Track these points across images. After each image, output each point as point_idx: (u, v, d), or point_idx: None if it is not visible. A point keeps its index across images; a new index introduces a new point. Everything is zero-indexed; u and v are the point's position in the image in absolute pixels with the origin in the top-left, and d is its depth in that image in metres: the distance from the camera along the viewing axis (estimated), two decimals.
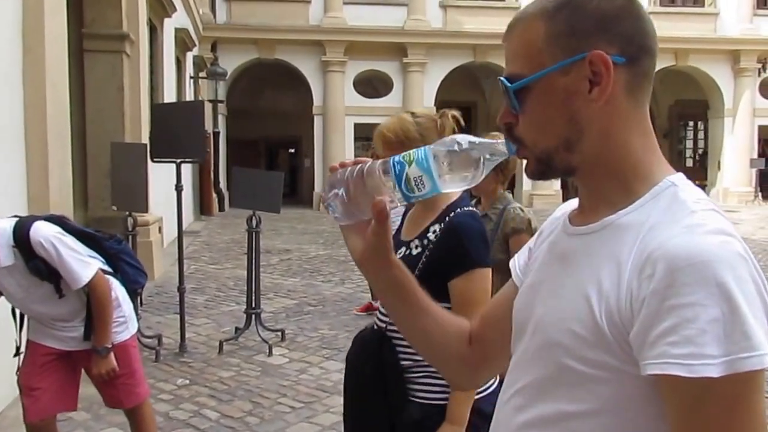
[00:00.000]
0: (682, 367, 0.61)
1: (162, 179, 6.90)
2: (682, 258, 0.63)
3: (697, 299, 0.61)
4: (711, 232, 0.65)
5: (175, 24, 10.15)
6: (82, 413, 3.29)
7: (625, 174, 0.75)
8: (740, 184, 17.03)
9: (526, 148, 0.78)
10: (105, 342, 2.33)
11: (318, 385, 3.86)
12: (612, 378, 0.70)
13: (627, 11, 0.76)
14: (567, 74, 0.74)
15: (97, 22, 6.19)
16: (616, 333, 0.68)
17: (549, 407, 0.75)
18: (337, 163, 0.86)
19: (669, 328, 0.62)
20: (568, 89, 0.74)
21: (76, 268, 2.22)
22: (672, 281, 0.63)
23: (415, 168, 0.78)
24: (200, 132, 4.49)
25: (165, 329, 4.92)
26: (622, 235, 0.71)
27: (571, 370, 0.72)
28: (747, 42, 16.53)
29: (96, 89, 6.24)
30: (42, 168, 3.94)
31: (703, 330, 0.61)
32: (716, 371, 0.60)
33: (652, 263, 0.65)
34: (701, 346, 0.61)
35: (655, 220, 0.70)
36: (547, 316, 0.77)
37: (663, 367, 0.62)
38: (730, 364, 0.60)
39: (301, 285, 6.83)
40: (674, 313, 0.62)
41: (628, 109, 0.76)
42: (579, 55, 0.73)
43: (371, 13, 15.42)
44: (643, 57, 0.76)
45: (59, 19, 4.27)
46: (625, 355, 0.68)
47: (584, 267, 0.74)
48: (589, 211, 0.78)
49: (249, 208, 4.67)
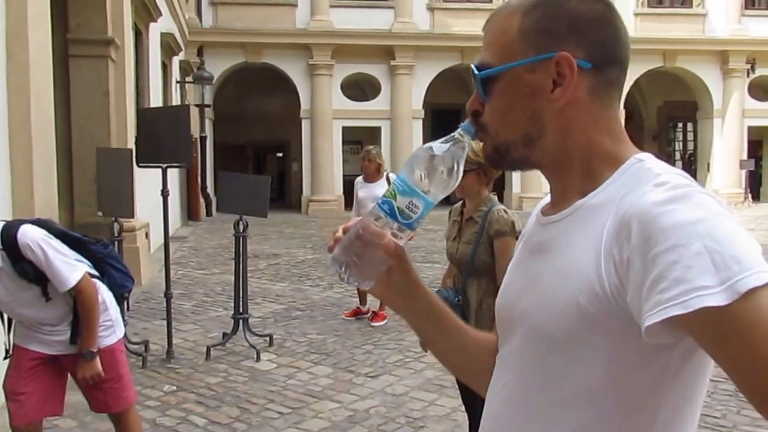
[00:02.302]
0: (677, 305, 0.61)
1: (148, 184, 6.86)
2: (653, 209, 0.64)
3: (676, 241, 0.62)
4: (677, 186, 0.66)
5: (160, 28, 10.10)
6: (68, 420, 3.27)
7: (591, 165, 0.76)
8: (730, 186, 17.03)
9: (488, 135, 0.80)
10: (91, 346, 2.33)
11: (306, 391, 3.85)
12: (599, 359, 0.70)
13: (602, 18, 0.77)
14: (533, 71, 0.76)
15: (82, 27, 6.15)
16: (602, 308, 0.68)
17: (538, 397, 0.76)
18: (328, 245, 0.86)
19: (657, 277, 0.62)
20: (532, 86, 0.76)
21: (63, 271, 2.23)
22: (648, 233, 0.63)
23: (401, 198, 0.80)
24: (186, 137, 4.47)
25: (152, 335, 4.89)
26: (595, 214, 0.72)
27: (558, 356, 0.73)
28: (735, 42, 16.66)
29: (81, 94, 6.20)
30: (26, 174, 3.91)
31: (689, 266, 0.61)
32: (719, 300, 0.59)
33: (627, 225, 0.66)
34: (691, 281, 0.60)
35: (624, 192, 0.70)
36: (530, 307, 0.78)
37: (660, 314, 0.62)
38: (731, 288, 0.59)
39: (289, 290, 6.82)
40: (658, 262, 0.62)
41: (592, 111, 0.76)
42: (547, 54, 0.75)
43: (358, 16, 15.45)
44: (611, 66, 0.77)
45: (43, 25, 4.24)
46: (613, 330, 0.68)
47: (560, 252, 0.75)
48: (560, 202, 0.79)
49: (236, 212, 4.66)
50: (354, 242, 0.81)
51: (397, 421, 3.41)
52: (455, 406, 3.45)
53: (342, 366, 4.30)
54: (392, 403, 3.62)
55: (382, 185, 5.43)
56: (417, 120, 16.15)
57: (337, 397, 3.73)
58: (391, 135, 15.92)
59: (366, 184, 5.49)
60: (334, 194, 15.79)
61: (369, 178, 5.49)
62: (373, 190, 5.42)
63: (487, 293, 2.50)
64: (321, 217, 14.48)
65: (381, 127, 15.99)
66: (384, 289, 0.88)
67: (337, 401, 3.67)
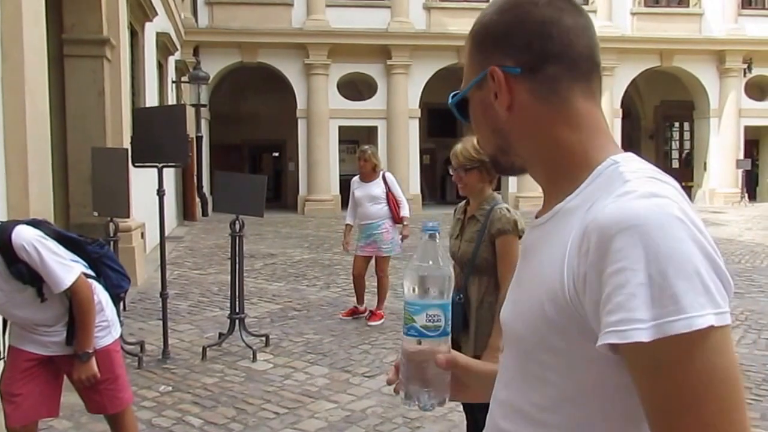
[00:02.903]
0: (615, 333, 0.61)
1: (144, 184, 6.84)
2: (611, 226, 0.63)
3: (627, 264, 0.61)
4: (641, 196, 0.64)
5: (156, 28, 10.07)
6: (64, 421, 3.25)
7: (564, 166, 0.76)
8: (726, 185, 17.09)
9: None
10: (86, 347, 2.31)
11: (303, 391, 3.85)
12: (568, 364, 0.70)
13: (521, 21, 0.76)
14: (481, 89, 0.81)
15: (77, 27, 6.13)
16: (563, 315, 0.68)
17: (522, 400, 0.77)
18: (394, 389, 0.90)
19: (606, 298, 0.62)
20: (483, 102, 0.81)
21: (58, 272, 2.22)
22: (605, 251, 0.63)
23: (419, 317, 0.84)
24: (182, 136, 4.46)
25: (148, 336, 4.88)
26: (568, 220, 0.72)
27: (534, 361, 0.74)
28: (732, 42, 16.68)
29: (77, 94, 6.18)
30: (21, 174, 3.89)
31: (633, 294, 0.60)
32: (646, 335, 0.60)
33: (588, 238, 0.66)
34: (631, 311, 0.60)
35: (595, 197, 0.70)
36: (511, 311, 0.81)
37: (603, 338, 0.62)
38: (658, 327, 0.59)
39: (285, 289, 6.80)
40: (609, 282, 0.62)
41: (546, 111, 0.77)
42: (483, 71, 0.80)
43: (354, 16, 15.43)
44: (547, 63, 0.76)
45: (38, 25, 4.23)
46: (577, 336, 0.68)
47: (537, 257, 0.76)
48: (548, 204, 0.80)
49: (232, 212, 4.65)
50: (411, 371, 0.85)
51: (394, 422, 3.41)
52: (452, 406, 3.45)
53: (339, 366, 4.30)
54: (389, 403, 3.62)
55: (378, 185, 5.43)
56: (413, 119, 16.15)
57: (334, 397, 3.73)
58: (387, 134, 15.91)
59: (362, 184, 5.49)
60: (331, 194, 15.78)
61: (365, 178, 5.49)
62: (370, 189, 5.42)
63: (488, 291, 2.50)
64: (317, 217, 14.47)
65: (377, 126, 15.97)
66: (459, 392, 0.91)
67: (333, 401, 3.67)
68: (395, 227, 5.45)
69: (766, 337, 4.94)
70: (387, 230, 5.37)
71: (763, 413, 3.43)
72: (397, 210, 5.38)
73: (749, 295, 6.31)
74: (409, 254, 7.24)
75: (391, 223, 5.40)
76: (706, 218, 12.87)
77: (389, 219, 5.38)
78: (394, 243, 5.44)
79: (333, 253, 9.13)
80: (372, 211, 5.37)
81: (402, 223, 5.44)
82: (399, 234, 5.48)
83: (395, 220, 5.40)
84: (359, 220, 5.48)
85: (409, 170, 15.79)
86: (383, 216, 5.37)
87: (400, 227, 5.48)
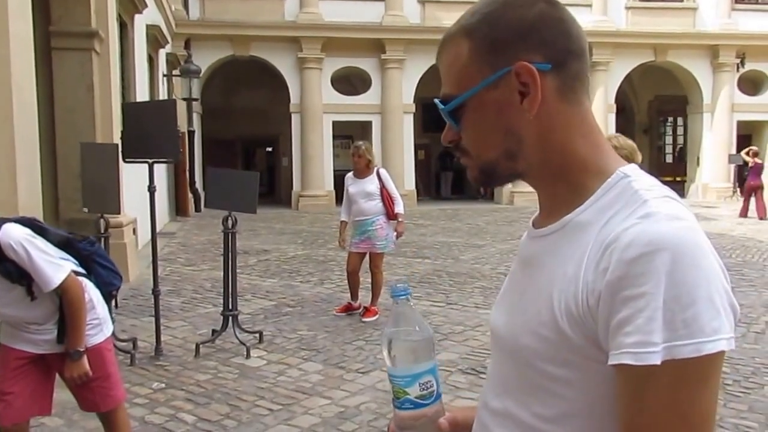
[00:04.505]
0: (631, 355, 0.63)
1: (136, 180, 6.77)
2: (634, 249, 0.64)
3: (647, 289, 0.62)
4: (663, 219, 0.66)
5: (146, 20, 9.97)
6: (56, 419, 3.22)
7: (574, 174, 0.76)
8: (719, 180, 17.17)
9: (470, 158, 0.80)
10: (78, 345, 2.30)
11: (297, 387, 3.82)
12: (580, 378, 0.70)
13: (547, 16, 0.75)
14: (496, 88, 0.75)
15: (64, 19, 6.04)
16: (577, 330, 0.68)
17: (524, 413, 0.75)
18: None
19: (623, 319, 0.64)
20: (499, 103, 0.75)
21: (47, 271, 2.20)
22: (625, 273, 0.64)
23: (412, 388, 0.80)
24: (174, 131, 4.40)
25: (140, 332, 4.84)
26: (582, 233, 0.72)
27: (540, 373, 0.72)
28: (726, 37, 16.73)
29: (65, 88, 6.10)
30: (9, 170, 3.84)
31: (651, 318, 0.62)
32: (657, 358, 0.62)
33: (608, 256, 0.66)
34: (648, 334, 0.62)
35: (611, 213, 0.70)
36: (513, 322, 0.78)
37: (618, 357, 0.64)
38: (668, 350, 0.62)
39: (279, 286, 6.77)
40: (628, 305, 0.63)
41: (563, 112, 0.76)
42: (504, 69, 0.74)
43: (348, 9, 15.34)
44: (570, 60, 0.76)
45: (24, 17, 4.16)
46: (590, 351, 0.68)
47: (545, 268, 0.75)
48: (550, 213, 0.79)
49: (224, 209, 4.60)
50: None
51: (388, 417, 3.37)
52: (445, 401, 3.43)
53: (333, 362, 4.27)
54: (383, 399, 3.60)
55: (372, 181, 5.40)
56: (408, 114, 16.11)
57: (328, 394, 3.71)
58: (382, 129, 15.86)
59: (356, 180, 5.45)
60: (325, 189, 15.73)
61: (359, 174, 5.45)
62: (364, 185, 5.39)
63: None
64: (311, 213, 14.43)
65: (372, 121, 15.92)
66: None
67: (327, 397, 3.65)
68: (389, 223, 5.42)
69: (756, 331, 4.96)
70: (381, 226, 5.34)
71: (750, 405, 3.42)
72: (391, 206, 5.35)
73: (739, 290, 6.34)
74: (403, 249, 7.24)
75: (386, 220, 5.37)
76: (699, 213, 12.94)
77: (383, 215, 5.35)
78: (389, 239, 5.41)
79: (327, 249, 9.10)
80: (366, 208, 5.33)
81: (396, 219, 5.41)
82: (393, 230, 5.45)
83: (389, 216, 5.38)
84: (353, 216, 5.45)
85: (403, 166, 15.76)
86: (377, 212, 5.34)
87: (395, 223, 5.45)
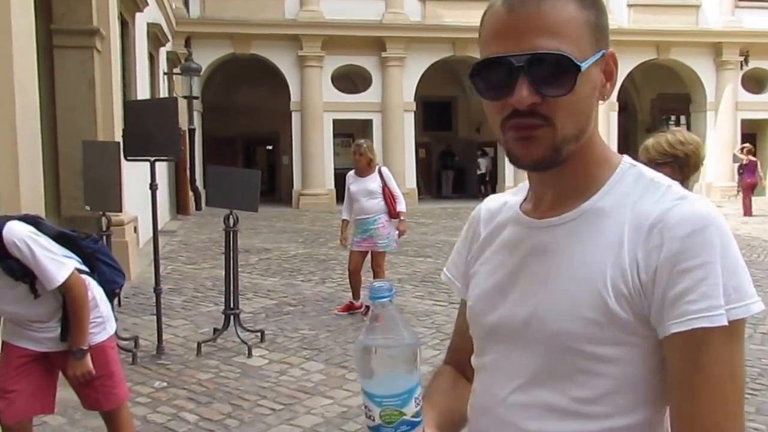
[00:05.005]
0: (705, 319, 0.68)
1: (137, 178, 6.77)
2: (686, 225, 0.70)
3: (705, 260, 0.69)
4: (696, 200, 0.73)
5: (147, 19, 9.95)
6: (58, 417, 3.21)
7: (592, 164, 0.79)
8: (723, 179, 16.97)
9: (549, 129, 0.73)
10: (81, 343, 2.30)
11: (298, 386, 3.82)
12: (625, 354, 0.73)
13: (605, 10, 0.79)
14: (597, 66, 0.76)
15: (66, 17, 6.03)
16: (627, 308, 0.72)
17: (561, 399, 0.75)
18: None
19: (686, 289, 0.69)
20: (596, 82, 0.77)
21: (50, 268, 2.20)
22: (681, 248, 0.70)
23: (408, 407, 0.75)
24: (175, 129, 4.39)
25: (142, 331, 4.83)
26: (604, 218, 0.75)
27: (583, 356, 0.74)
28: (729, 34, 16.65)
29: (66, 86, 6.09)
30: (12, 168, 3.83)
31: (715, 284, 0.68)
32: (725, 320, 0.68)
33: (657, 234, 0.71)
34: (716, 299, 0.68)
35: (636, 197, 0.75)
36: (543, 309, 0.77)
37: (688, 323, 0.68)
38: (728, 313, 0.68)
39: (280, 284, 6.76)
40: (688, 276, 0.69)
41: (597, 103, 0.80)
42: (601, 51, 0.76)
43: (348, 7, 15.30)
44: None
45: (26, 15, 4.15)
46: (638, 327, 0.72)
47: (575, 254, 0.76)
48: (554, 203, 0.79)
49: (225, 207, 4.59)
50: None
51: None
52: None
53: (335, 362, 4.27)
54: None
55: (373, 179, 5.39)
56: (409, 112, 16.09)
57: (330, 393, 3.70)
58: (382, 128, 15.84)
59: (358, 179, 5.45)
60: (326, 188, 15.72)
61: (360, 172, 5.44)
62: (365, 184, 5.38)
63: None
64: (312, 211, 14.42)
65: (372, 119, 15.90)
66: None
67: (329, 397, 3.64)
68: (391, 222, 5.41)
69: (762, 332, 4.95)
70: (383, 225, 5.33)
71: (758, 407, 3.43)
72: (393, 204, 5.35)
73: None
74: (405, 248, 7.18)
75: (388, 218, 5.36)
76: None
77: (385, 214, 5.34)
78: (391, 238, 5.41)
79: (328, 247, 9.09)
80: (368, 206, 5.33)
81: (398, 217, 5.40)
82: (395, 229, 5.45)
83: (391, 214, 5.37)
84: (355, 215, 5.44)
85: (404, 164, 15.74)
86: (379, 211, 5.33)
87: (397, 222, 5.44)
